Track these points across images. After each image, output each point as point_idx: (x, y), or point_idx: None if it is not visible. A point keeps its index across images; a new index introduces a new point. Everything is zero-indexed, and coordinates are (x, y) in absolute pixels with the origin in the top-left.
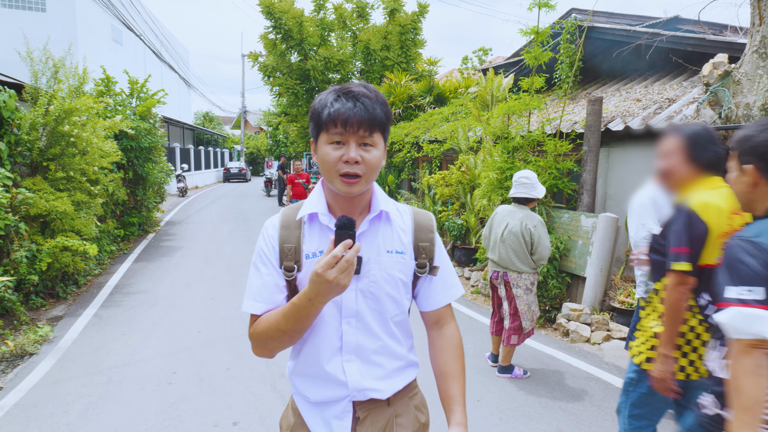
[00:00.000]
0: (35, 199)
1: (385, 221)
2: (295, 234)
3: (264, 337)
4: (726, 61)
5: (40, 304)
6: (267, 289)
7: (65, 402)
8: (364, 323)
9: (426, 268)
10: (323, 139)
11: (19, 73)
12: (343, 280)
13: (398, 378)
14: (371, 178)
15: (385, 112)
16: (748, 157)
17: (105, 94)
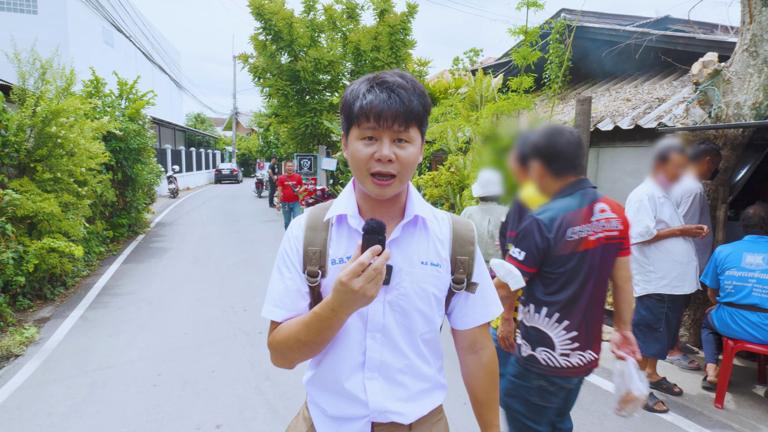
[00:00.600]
0: (22, 201)
1: (421, 228)
2: (322, 236)
3: (283, 347)
4: (716, 59)
5: (27, 305)
6: (289, 294)
7: (48, 404)
8: (391, 339)
9: (463, 284)
10: (354, 134)
11: (8, 75)
12: (370, 291)
13: (424, 401)
14: (406, 178)
15: (423, 104)
16: (535, 157)
17: (94, 95)
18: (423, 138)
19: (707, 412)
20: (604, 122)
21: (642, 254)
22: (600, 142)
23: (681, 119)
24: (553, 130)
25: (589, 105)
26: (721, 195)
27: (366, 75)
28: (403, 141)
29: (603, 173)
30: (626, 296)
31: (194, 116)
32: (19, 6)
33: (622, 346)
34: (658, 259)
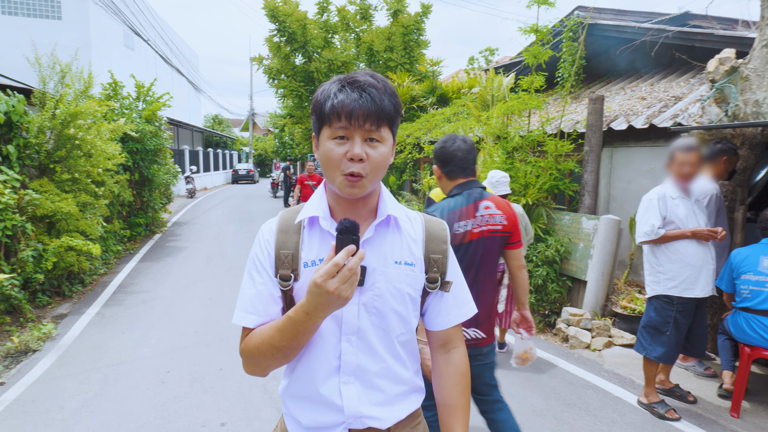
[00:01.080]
0: (41, 200)
1: (393, 228)
2: (293, 239)
3: (256, 354)
4: (733, 56)
5: (46, 302)
6: (261, 299)
7: (62, 398)
8: (366, 342)
9: (437, 283)
10: (326, 133)
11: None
12: (345, 292)
13: (401, 405)
14: (376, 178)
15: (393, 104)
16: (435, 160)
17: (112, 97)
18: (394, 138)
19: (722, 421)
20: (617, 121)
21: (653, 255)
22: (614, 141)
23: (697, 118)
24: (447, 138)
25: (601, 104)
26: (738, 196)
27: (337, 75)
28: (374, 140)
29: (616, 173)
30: (520, 282)
31: (212, 117)
32: (44, 12)
33: (520, 324)
34: (668, 260)
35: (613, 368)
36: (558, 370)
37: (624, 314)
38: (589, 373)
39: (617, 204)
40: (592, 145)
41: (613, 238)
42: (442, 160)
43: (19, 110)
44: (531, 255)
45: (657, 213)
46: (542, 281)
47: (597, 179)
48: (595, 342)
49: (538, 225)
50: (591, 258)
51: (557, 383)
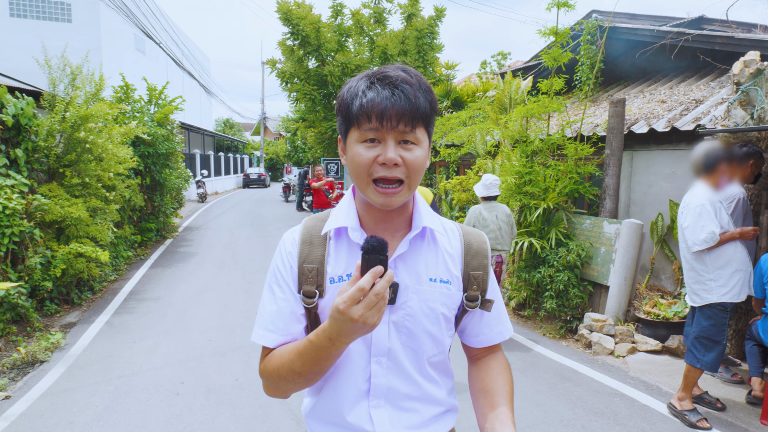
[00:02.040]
0: (50, 206)
1: (429, 241)
2: (319, 252)
3: (275, 377)
4: (758, 59)
5: (54, 310)
6: (282, 317)
7: (71, 413)
8: (397, 363)
9: (477, 301)
10: (354, 136)
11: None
12: (372, 319)
13: (435, 426)
14: (414, 184)
15: (429, 101)
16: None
17: (123, 100)
18: (430, 139)
19: (753, 429)
20: (638, 125)
21: (700, 262)
22: (634, 145)
23: (721, 121)
24: None
25: (623, 107)
26: (764, 200)
27: (365, 71)
28: (409, 143)
29: (637, 177)
30: None
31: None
32: (54, 15)
33: None
34: (717, 266)
35: (638, 375)
36: (583, 378)
37: (647, 320)
38: (614, 380)
39: (638, 208)
40: (613, 149)
41: (636, 243)
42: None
43: (27, 113)
44: (552, 260)
45: (713, 218)
46: (563, 286)
47: (618, 183)
48: (619, 348)
49: (558, 229)
50: (613, 263)
51: (583, 391)
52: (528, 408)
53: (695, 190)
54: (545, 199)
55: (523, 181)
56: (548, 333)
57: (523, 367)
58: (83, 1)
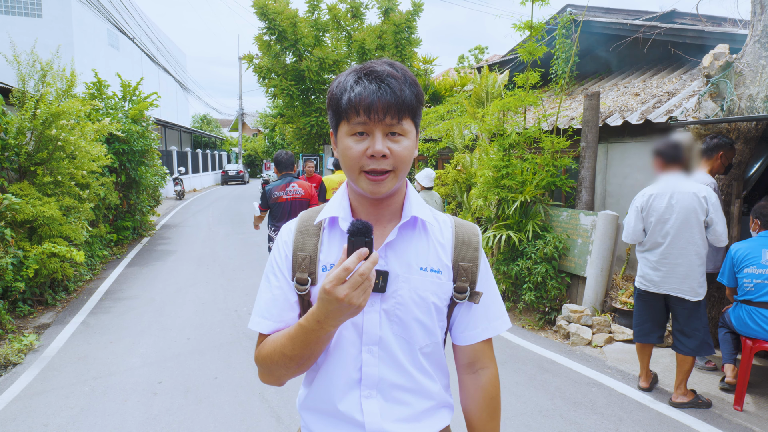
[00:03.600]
0: (22, 205)
1: (420, 231)
2: (312, 241)
3: (269, 362)
4: (727, 51)
5: (27, 311)
6: (276, 304)
7: (45, 415)
8: (389, 352)
9: (466, 293)
10: (344, 130)
11: (9, 78)
12: (357, 299)
13: (428, 421)
14: (402, 174)
15: (415, 93)
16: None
17: (96, 97)
18: (417, 131)
19: (726, 414)
20: (612, 117)
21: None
22: (609, 137)
23: (692, 113)
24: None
25: (597, 100)
26: (734, 190)
27: (353, 66)
28: (396, 134)
29: (612, 169)
30: None
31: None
32: (23, 10)
33: None
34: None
35: (615, 364)
36: (561, 368)
37: (624, 310)
38: (592, 370)
39: (613, 200)
40: (588, 141)
41: (612, 234)
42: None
43: None
44: (530, 252)
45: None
46: (541, 278)
47: (594, 175)
48: (596, 338)
49: (536, 222)
50: (590, 254)
51: (561, 382)
52: (508, 399)
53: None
54: (522, 192)
55: (501, 174)
56: (527, 325)
57: (502, 359)
58: None
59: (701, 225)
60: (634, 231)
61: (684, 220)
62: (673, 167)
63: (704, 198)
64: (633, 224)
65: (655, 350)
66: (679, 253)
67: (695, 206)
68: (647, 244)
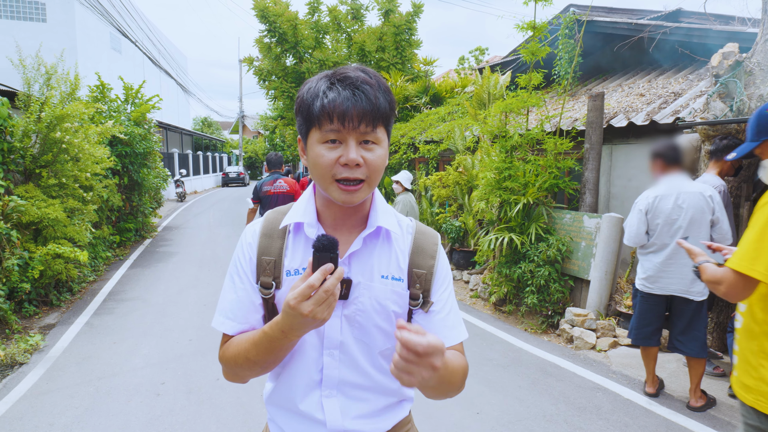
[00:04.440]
0: (27, 207)
1: (383, 239)
2: (277, 245)
3: (233, 364)
4: (736, 50)
5: (33, 312)
6: (240, 306)
7: (51, 414)
8: (349, 356)
9: (419, 299)
10: (315, 137)
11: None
12: (321, 314)
13: (388, 415)
14: (374, 182)
15: (389, 101)
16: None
17: (99, 100)
18: (389, 138)
19: (735, 421)
20: (617, 118)
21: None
22: (613, 139)
23: (700, 113)
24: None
25: (601, 101)
26: (744, 192)
27: (324, 71)
28: (369, 142)
29: (617, 171)
30: None
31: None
32: (28, 14)
33: None
34: None
35: (620, 369)
36: (565, 372)
37: (629, 314)
38: (596, 374)
39: (618, 202)
40: (592, 143)
41: (616, 237)
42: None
43: (2, 113)
44: (532, 255)
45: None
46: (544, 281)
47: (597, 177)
48: (600, 342)
49: (538, 224)
50: (594, 257)
51: (565, 386)
52: (510, 403)
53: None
54: (525, 194)
55: (503, 176)
56: (530, 328)
57: (504, 362)
58: (58, 1)
59: (708, 224)
60: (636, 234)
61: (692, 219)
62: (674, 169)
63: (710, 197)
64: (636, 227)
65: (662, 356)
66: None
67: (702, 206)
68: (653, 246)
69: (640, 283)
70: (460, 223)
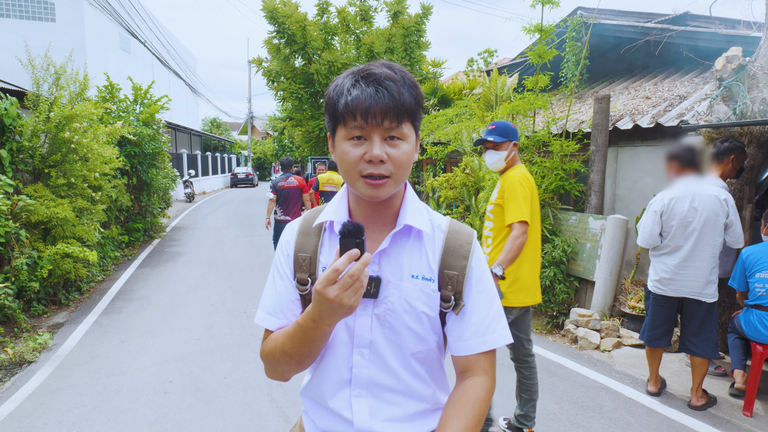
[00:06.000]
0: (36, 206)
1: (414, 238)
2: (313, 242)
3: (271, 359)
4: (740, 54)
5: (41, 311)
6: (280, 302)
7: (59, 412)
8: (380, 356)
9: (450, 302)
10: (341, 134)
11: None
12: (348, 300)
13: (420, 422)
14: (401, 178)
15: (414, 96)
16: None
17: (108, 100)
18: (417, 134)
19: (736, 420)
20: (623, 121)
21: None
22: (619, 141)
23: (704, 116)
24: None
25: (607, 103)
26: (746, 194)
27: (351, 68)
28: (395, 138)
29: (622, 173)
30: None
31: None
32: (37, 14)
33: None
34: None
35: (623, 369)
36: (568, 372)
37: (633, 314)
38: (600, 374)
39: (623, 204)
40: (598, 145)
41: (621, 238)
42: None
43: (11, 113)
44: None
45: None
46: (549, 282)
47: (603, 179)
48: (605, 343)
49: (544, 225)
50: (599, 258)
51: (569, 385)
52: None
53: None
54: None
55: None
56: (535, 329)
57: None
58: (67, 0)
59: (721, 228)
60: (650, 236)
61: (706, 222)
62: (689, 171)
63: (725, 200)
64: (650, 228)
65: (665, 356)
66: (700, 255)
67: (717, 209)
68: (666, 248)
69: (652, 285)
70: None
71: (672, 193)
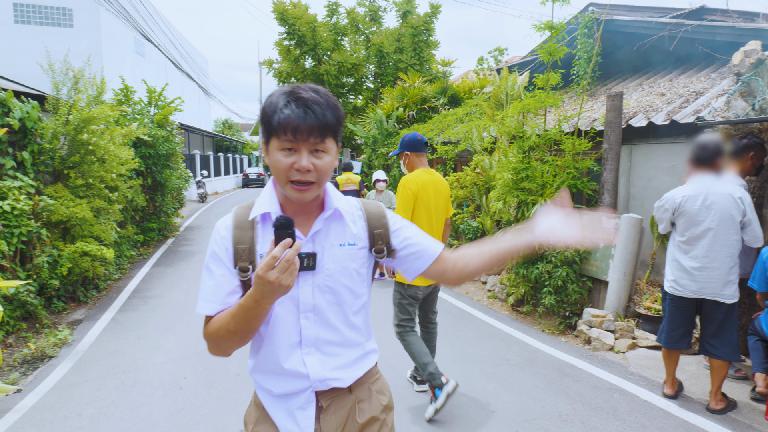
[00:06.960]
0: (56, 206)
1: (337, 218)
2: (249, 234)
3: (215, 338)
4: (759, 48)
5: (61, 308)
6: (220, 289)
7: (79, 405)
8: (322, 316)
9: (383, 252)
10: (274, 144)
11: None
12: (285, 281)
13: (358, 366)
14: (324, 182)
15: (336, 116)
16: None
17: (124, 103)
18: (338, 145)
19: (757, 425)
20: (636, 118)
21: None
22: (633, 139)
23: (721, 113)
24: None
25: (620, 101)
26: (767, 192)
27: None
28: (319, 151)
29: (636, 171)
30: None
31: (222, 122)
32: (56, 21)
33: None
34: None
35: (638, 371)
36: (582, 373)
37: (648, 315)
38: (614, 375)
39: (637, 203)
40: (611, 143)
41: (636, 238)
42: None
43: (33, 116)
44: (550, 255)
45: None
46: (562, 282)
47: (616, 177)
48: (619, 344)
49: None
50: (612, 258)
51: (582, 387)
52: (526, 403)
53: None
54: (543, 195)
55: (520, 177)
56: (547, 329)
57: (521, 362)
58: (84, 7)
59: (737, 226)
60: (665, 229)
61: (720, 221)
62: (703, 168)
63: (740, 199)
64: (665, 223)
65: (682, 358)
66: (716, 255)
67: (731, 207)
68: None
69: (669, 285)
70: (478, 224)
71: (685, 191)
